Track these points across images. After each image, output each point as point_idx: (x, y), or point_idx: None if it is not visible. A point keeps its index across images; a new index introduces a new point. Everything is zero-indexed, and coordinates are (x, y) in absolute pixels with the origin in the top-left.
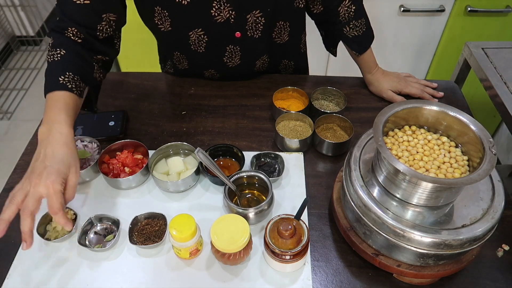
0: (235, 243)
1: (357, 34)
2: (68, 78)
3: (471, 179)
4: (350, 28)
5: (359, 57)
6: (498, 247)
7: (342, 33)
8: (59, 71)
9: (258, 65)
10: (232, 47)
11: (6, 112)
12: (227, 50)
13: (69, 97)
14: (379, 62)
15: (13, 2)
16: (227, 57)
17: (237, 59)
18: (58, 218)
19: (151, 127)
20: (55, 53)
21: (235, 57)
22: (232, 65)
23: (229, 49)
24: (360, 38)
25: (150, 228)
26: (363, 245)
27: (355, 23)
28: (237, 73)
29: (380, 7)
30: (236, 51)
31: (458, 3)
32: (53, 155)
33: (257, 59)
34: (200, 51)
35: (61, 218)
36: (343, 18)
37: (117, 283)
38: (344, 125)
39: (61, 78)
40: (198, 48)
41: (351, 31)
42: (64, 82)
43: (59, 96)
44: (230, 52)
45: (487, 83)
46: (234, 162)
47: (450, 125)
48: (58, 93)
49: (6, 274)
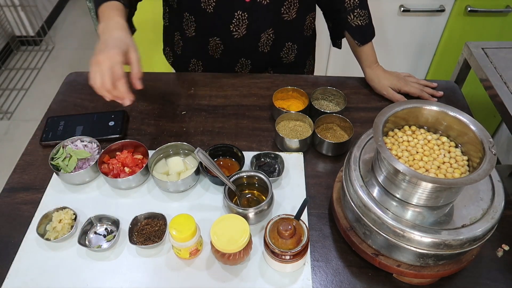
0: (235, 243)
1: (360, 23)
2: None
3: (471, 179)
4: (354, 16)
5: (360, 49)
6: (498, 247)
7: (346, 21)
8: None
9: (263, 40)
10: (240, 13)
11: (6, 112)
12: (235, 17)
13: (119, 5)
14: (380, 62)
15: (13, 2)
16: (234, 24)
17: (243, 28)
18: (121, 85)
19: (151, 127)
20: None
21: (242, 26)
22: (238, 35)
23: (237, 15)
24: (363, 28)
25: (150, 228)
26: (363, 245)
27: (359, 11)
28: (241, 49)
29: (380, 7)
30: (243, 18)
31: (458, 3)
32: (111, 36)
33: (263, 32)
34: (209, 11)
35: (122, 85)
36: (348, 5)
37: (117, 283)
38: (344, 125)
39: None
40: (208, 8)
41: (355, 19)
42: None
43: (111, 4)
44: (238, 19)
45: (487, 83)
46: (234, 162)
47: (450, 125)
48: (109, 3)
49: (6, 274)
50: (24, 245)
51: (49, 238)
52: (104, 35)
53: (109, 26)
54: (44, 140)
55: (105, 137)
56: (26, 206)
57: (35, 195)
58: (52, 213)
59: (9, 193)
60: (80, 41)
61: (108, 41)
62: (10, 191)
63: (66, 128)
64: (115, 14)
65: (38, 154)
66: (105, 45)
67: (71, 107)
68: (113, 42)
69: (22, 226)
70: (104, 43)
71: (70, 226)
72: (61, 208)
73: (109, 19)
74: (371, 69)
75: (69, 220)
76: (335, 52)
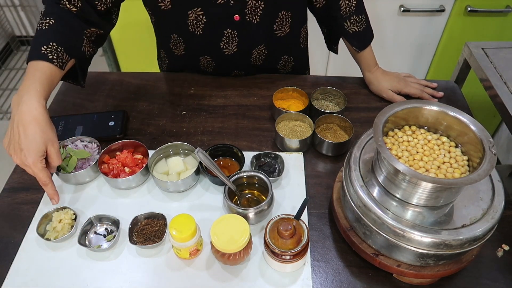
0: (235, 243)
1: (357, 29)
2: (51, 49)
3: (471, 179)
4: (350, 23)
5: (359, 54)
6: (498, 247)
7: (343, 28)
8: (43, 41)
9: (255, 56)
10: (230, 31)
11: (6, 112)
12: (224, 35)
13: (48, 68)
14: (379, 62)
15: (13, 2)
16: (224, 42)
17: (234, 45)
18: (48, 189)
19: (151, 127)
20: (44, 22)
21: (232, 44)
22: (229, 52)
23: (226, 34)
24: (360, 34)
25: (150, 228)
26: (363, 245)
27: (356, 18)
28: (233, 64)
29: (380, 7)
30: (233, 36)
31: (458, 3)
32: (25, 136)
33: (254, 48)
34: (197, 33)
35: (50, 189)
36: (344, 12)
37: (117, 283)
38: (344, 125)
39: (43, 48)
40: (196, 30)
41: (351, 26)
42: (45, 52)
43: (38, 66)
44: (228, 37)
45: (487, 83)
46: (234, 162)
47: (450, 125)
48: (37, 62)
49: (6, 274)
50: (24, 245)
51: (49, 238)
52: (18, 127)
53: (21, 114)
54: None
55: (105, 137)
56: (26, 206)
57: (35, 195)
58: (52, 213)
59: (9, 193)
60: None
61: (22, 140)
62: (10, 191)
63: (66, 128)
64: (35, 86)
65: None
66: (19, 149)
67: (71, 107)
68: (30, 145)
69: (22, 226)
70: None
71: (70, 226)
72: (61, 208)
73: (25, 93)
74: (370, 72)
75: (69, 220)
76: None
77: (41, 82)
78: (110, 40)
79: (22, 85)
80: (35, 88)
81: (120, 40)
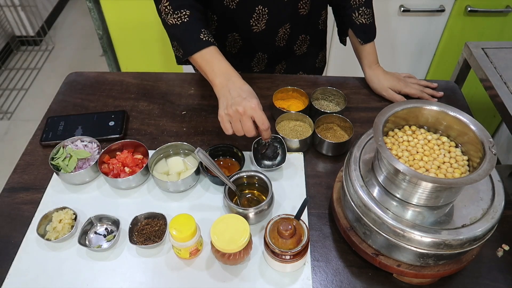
0: (235, 243)
1: (364, 22)
2: (207, 34)
3: (471, 179)
4: (359, 13)
5: (362, 48)
6: (498, 247)
7: (351, 19)
8: (196, 30)
9: (280, 34)
10: (261, 8)
11: (6, 112)
12: (255, 11)
13: (217, 50)
14: (380, 62)
15: (13, 2)
16: (254, 19)
17: (263, 23)
18: (267, 134)
19: (151, 127)
20: (181, 15)
21: (262, 21)
22: (257, 30)
23: (257, 10)
24: (367, 26)
25: (150, 228)
26: (363, 245)
27: (364, 10)
28: (258, 43)
29: (380, 7)
30: (264, 13)
31: (458, 3)
32: (242, 89)
33: (280, 27)
34: (231, 7)
35: (269, 133)
36: (353, 2)
37: (117, 283)
38: (344, 125)
39: (202, 36)
40: (230, 4)
41: (359, 17)
42: (207, 39)
43: (212, 51)
44: (258, 14)
45: (487, 83)
46: (234, 162)
47: (450, 125)
48: (208, 49)
49: (6, 274)
50: (24, 245)
51: (49, 238)
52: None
53: (235, 81)
54: (44, 140)
55: (105, 137)
56: (26, 206)
57: (35, 195)
58: (52, 213)
59: (9, 193)
60: (80, 41)
61: (244, 91)
62: (10, 191)
63: (66, 128)
64: (228, 65)
65: (38, 154)
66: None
67: (71, 107)
68: (251, 93)
69: (22, 226)
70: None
71: (70, 226)
72: (61, 208)
73: (226, 72)
74: (371, 69)
75: (69, 220)
76: (335, 53)
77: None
78: (110, 40)
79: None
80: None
81: (120, 40)
